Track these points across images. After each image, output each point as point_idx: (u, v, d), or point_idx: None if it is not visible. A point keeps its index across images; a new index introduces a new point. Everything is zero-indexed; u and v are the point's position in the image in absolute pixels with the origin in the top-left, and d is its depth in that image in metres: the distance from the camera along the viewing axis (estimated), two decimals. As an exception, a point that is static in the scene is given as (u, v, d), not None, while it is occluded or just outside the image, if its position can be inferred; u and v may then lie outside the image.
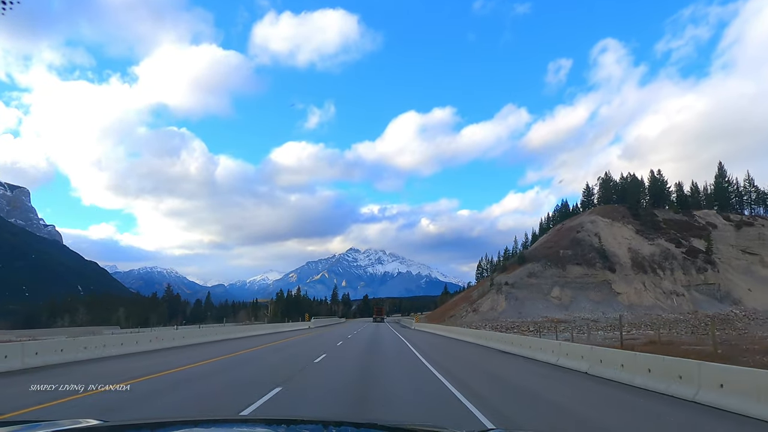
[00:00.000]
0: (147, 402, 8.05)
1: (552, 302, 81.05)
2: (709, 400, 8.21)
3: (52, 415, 6.42)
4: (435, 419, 7.13)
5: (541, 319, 75.73)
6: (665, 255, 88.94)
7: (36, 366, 12.64)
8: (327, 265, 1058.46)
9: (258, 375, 12.01)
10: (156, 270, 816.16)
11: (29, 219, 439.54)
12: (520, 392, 10.37)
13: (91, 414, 6.39)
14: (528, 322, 72.80)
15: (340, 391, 9.59)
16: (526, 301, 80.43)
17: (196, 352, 18.75)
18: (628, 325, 68.86)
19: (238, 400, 8.16)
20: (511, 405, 8.57)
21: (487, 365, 16.20)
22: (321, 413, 7.27)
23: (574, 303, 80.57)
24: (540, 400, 9.10)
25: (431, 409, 7.95)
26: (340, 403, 8.31)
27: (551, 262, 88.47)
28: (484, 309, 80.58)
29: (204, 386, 9.98)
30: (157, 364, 13.62)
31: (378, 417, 6.84)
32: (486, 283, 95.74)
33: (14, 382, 10.25)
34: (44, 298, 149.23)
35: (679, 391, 8.98)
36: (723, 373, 8.29)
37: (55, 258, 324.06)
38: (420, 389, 10.12)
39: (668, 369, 9.62)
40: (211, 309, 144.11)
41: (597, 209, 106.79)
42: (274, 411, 7.32)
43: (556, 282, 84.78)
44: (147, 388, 9.43)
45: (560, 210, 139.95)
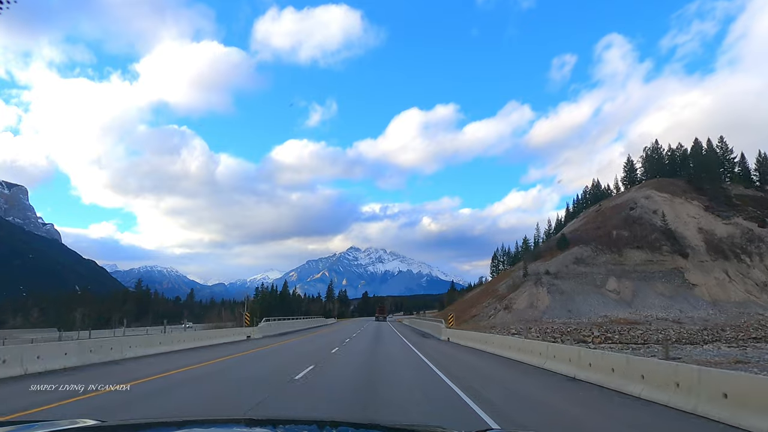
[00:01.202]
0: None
1: (608, 296, 61.45)
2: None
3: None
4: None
5: (600, 318, 56.29)
6: (748, 237, 69.16)
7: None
8: (327, 263, 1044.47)
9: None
10: (156, 269, 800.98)
11: (27, 217, 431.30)
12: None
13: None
14: (584, 324, 53.19)
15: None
16: (575, 296, 60.82)
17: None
18: (729, 328, 49.13)
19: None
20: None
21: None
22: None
23: (638, 297, 61.01)
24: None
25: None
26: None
27: (602, 245, 68.76)
28: (519, 306, 60.95)
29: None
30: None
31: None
32: (514, 273, 76.11)
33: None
34: (41, 297, 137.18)
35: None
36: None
37: (53, 257, 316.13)
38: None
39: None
40: (192, 307, 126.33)
41: (649, 183, 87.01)
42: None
43: (611, 271, 65.17)
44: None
45: (591, 192, 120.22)
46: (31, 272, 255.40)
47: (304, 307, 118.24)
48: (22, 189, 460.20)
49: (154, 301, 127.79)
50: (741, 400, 5.92)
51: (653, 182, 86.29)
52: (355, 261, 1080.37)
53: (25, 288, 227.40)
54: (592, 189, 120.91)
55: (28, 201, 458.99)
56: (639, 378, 8.12)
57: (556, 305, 59.13)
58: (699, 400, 6.61)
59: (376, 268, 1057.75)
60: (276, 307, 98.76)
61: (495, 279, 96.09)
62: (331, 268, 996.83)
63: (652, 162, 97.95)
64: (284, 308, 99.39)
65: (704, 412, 6.42)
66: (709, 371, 6.78)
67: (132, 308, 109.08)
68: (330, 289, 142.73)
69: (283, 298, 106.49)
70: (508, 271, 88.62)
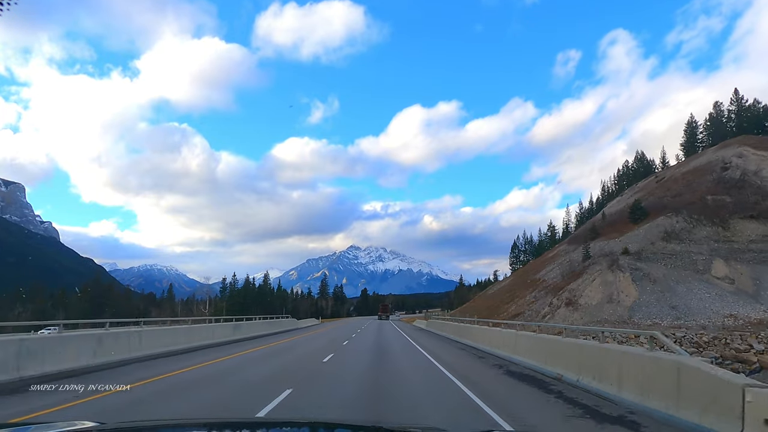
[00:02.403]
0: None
1: (719, 286, 41.78)
2: None
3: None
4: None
5: (725, 319, 36.63)
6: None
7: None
8: (327, 262, 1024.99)
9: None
10: (156, 267, 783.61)
11: (24, 215, 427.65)
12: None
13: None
14: (702, 327, 33.46)
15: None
16: (675, 285, 40.97)
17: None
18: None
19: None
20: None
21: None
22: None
23: (763, 287, 41.17)
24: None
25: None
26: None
27: (697, 214, 48.95)
28: (590, 300, 41.24)
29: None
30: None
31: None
32: (566, 256, 56.28)
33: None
34: (38, 296, 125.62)
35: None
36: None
37: (51, 255, 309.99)
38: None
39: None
40: (173, 305, 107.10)
41: (739, 140, 66.76)
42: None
43: (714, 250, 45.43)
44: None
45: (633, 166, 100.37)
46: (27, 270, 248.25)
47: (290, 304, 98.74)
48: (19, 186, 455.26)
49: (117, 296, 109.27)
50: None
51: (743, 138, 66.25)
52: (355, 260, 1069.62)
53: (19, 286, 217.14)
54: (635, 163, 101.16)
55: (25, 198, 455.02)
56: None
57: (650, 299, 39.29)
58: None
59: (376, 267, 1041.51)
60: (255, 304, 78.44)
61: (530, 266, 75.98)
62: (331, 267, 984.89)
63: (742, 115, 78.81)
64: (265, 306, 78.88)
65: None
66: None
67: (85, 305, 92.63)
68: (323, 285, 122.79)
69: (261, 294, 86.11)
70: (551, 257, 68.49)
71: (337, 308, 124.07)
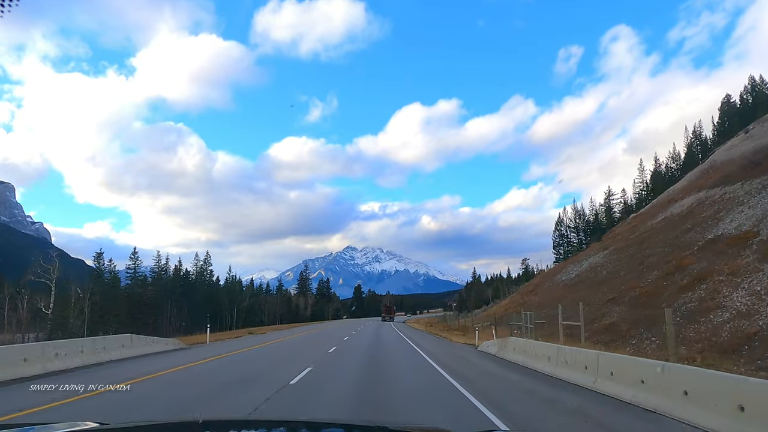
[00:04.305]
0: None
1: None
2: None
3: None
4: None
5: None
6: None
7: None
8: (324, 263, 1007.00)
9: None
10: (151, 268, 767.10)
11: (14, 215, 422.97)
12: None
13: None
14: None
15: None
16: None
17: None
18: None
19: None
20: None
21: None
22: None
23: None
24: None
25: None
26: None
27: None
28: None
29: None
30: None
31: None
32: None
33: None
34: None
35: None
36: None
37: (41, 256, 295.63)
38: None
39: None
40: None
41: None
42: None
43: None
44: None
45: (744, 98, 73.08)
46: (16, 272, 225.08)
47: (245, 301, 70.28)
48: (8, 186, 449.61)
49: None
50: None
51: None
52: (351, 260, 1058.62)
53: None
54: (752, 86, 73.63)
55: (15, 198, 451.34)
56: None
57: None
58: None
59: (372, 268, 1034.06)
60: (203, 303, 47.16)
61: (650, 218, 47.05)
62: (328, 268, 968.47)
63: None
64: (210, 306, 47.30)
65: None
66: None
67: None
68: (302, 278, 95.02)
69: (194, 286, 56.42)
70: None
71: (321, 307, 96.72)
